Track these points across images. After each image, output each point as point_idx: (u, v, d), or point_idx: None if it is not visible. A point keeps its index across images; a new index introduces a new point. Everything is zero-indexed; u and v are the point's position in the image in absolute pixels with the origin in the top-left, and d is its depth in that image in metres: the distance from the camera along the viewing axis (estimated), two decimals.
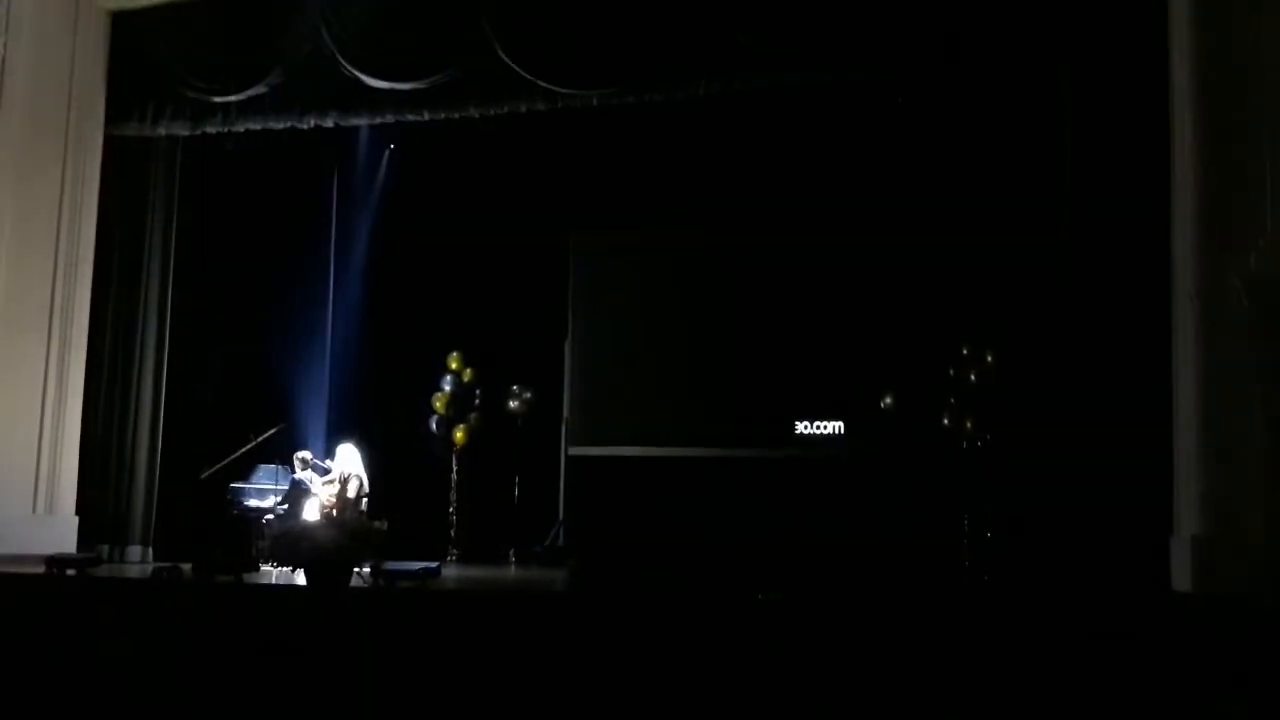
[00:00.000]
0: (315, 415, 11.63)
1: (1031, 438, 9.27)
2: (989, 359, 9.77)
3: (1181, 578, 7.70)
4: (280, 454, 10.92)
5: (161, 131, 10.90)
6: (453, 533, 11.48)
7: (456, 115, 10.08)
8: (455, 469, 11.65)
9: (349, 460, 10.48)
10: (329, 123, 10.42)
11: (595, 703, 2.42)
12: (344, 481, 10.37)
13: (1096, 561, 8.16)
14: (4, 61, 10.58)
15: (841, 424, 11.10)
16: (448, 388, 11.69)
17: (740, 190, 11.36)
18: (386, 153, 12.08)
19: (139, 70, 10.81)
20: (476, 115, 10.03)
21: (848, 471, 10.89)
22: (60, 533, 10.44)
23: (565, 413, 11.95)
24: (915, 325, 10.49)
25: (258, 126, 10.53)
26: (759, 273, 11.63)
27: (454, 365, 11.70)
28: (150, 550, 10.75)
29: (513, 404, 11.53)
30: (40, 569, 8.49)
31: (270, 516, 10.51)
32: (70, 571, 8.55)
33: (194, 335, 11.38)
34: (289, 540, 9.20)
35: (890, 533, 10.04)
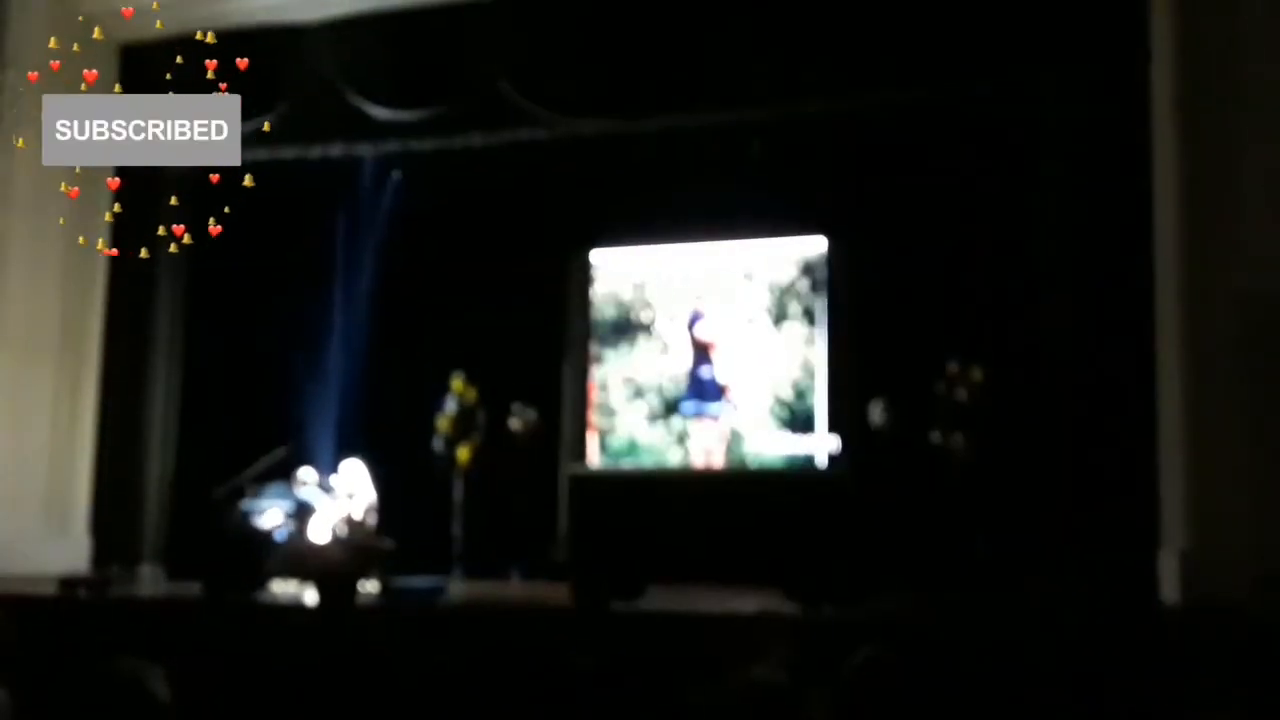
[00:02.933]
0: (323, 435, 11.74)
1: (1019, 452, 9.39)
2: (976, 376, 9.87)
3: (1170, 589, 7.81)
4: (289, 473, 11.05)
5: None
6: (457, 550, 11.59)
7: (459, 145, 10.24)
8: (458, 487, 11.76)
9: (355, 478, 10.59)
10: (335, 152, 10.60)
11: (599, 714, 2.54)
12: (351, 499, 10.48)
13: (1085, 574, 8.27)
14: (14, 93, 10.73)
15: (836, 441, 11.23)
16: (451, 407, 11.83)
17: (734, 209, 11.55)
18: (390, 180, 12.23)
19: None
20: (479, 144, 10.20)
21: (843, 486, 11.02)
22: (73, 553, 10.54)
23: (565, 431, 12.09)
24: (902, 341, 10.65)
25: (265, 156, 10.68)
26: None
27: (457, 386, 11.85)
28: (163, 569, 10.85)
29: (513, 423, 11.67)
30: (53, 589, 8.63)
31: (280, 535, 10.63)
32: (83, 591, 8.69)
33: (205, 357, 11.50)
34: (297, 558, 9.36)
35: (883, 547, 10.18)
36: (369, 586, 8.95)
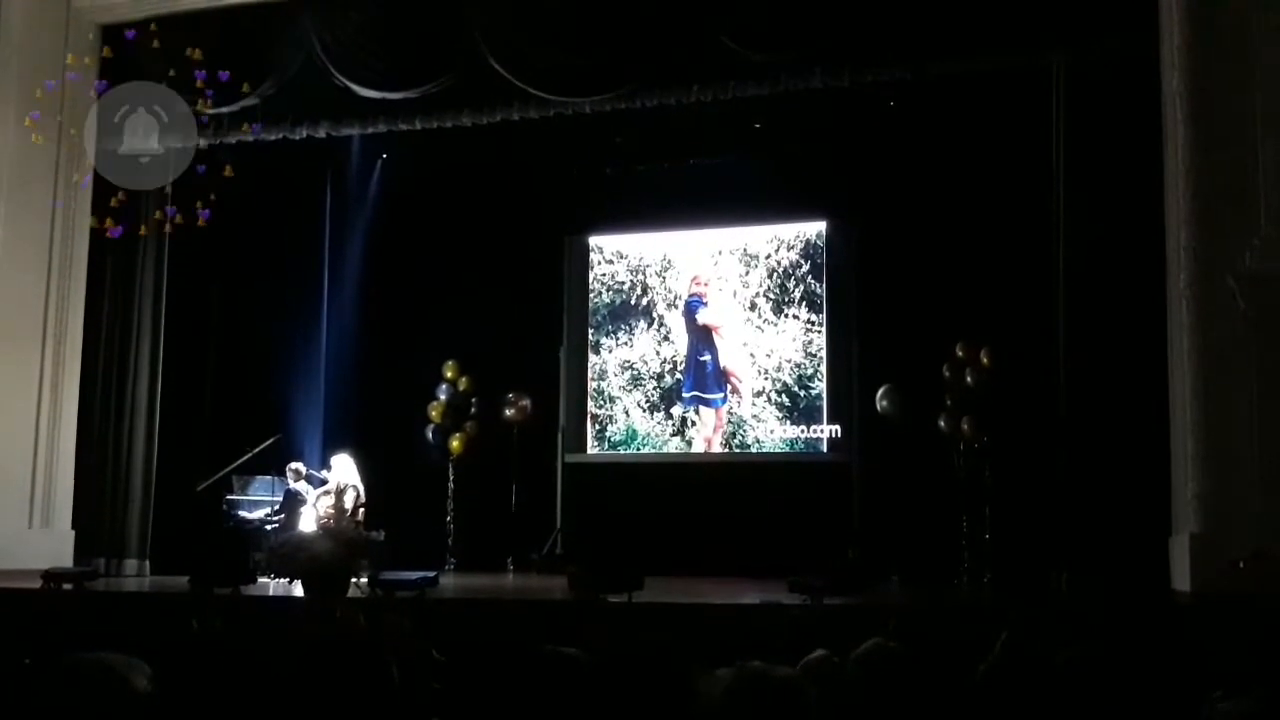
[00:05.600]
0: (311, 426, 11.57)
1: (1028, 439, 9.25)
2: (984, 359, 9.73)
3: (1180, 577, 7.69)
4: (276, 465, 10.87)
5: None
6: (450, 542, 11.46)
7: (449, 124, 10.04)
8: (452, 478, 11.63)
9: (345, 471, 10.43)
10: (321, 133, 10.37)
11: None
12: (340, 492, 10.32)
13: (1095, 562, 8.13)
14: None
15: (839, 427, 11.08)
16: (443, 397, 11.68)
17: (733, 191, 11.37)
18: (379, 162, 12.04)
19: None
20: (469, 124, 10.00)
21: (846, 474, 10.85)
22: (56, 547, 10.37)
23: (561, 420, 11.92)
24: (908, 325, 10.49)
25: (250, 138, 10.49)
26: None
27: (450, 374, 11.69)
28: (147, 564, 10.67)
29: (509, 412, 11.50)
30: (37, 583, 8.46)
31: (269, 528, 10.46)
32: (67, 586, 8.52)
33: (188, 346, 11.30)
34: (286, 552, 9.16)
35: (889, 535, 10.05)
36: (359, 580, 8.78)
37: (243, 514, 10.78)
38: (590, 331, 12.05)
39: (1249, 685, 3.59)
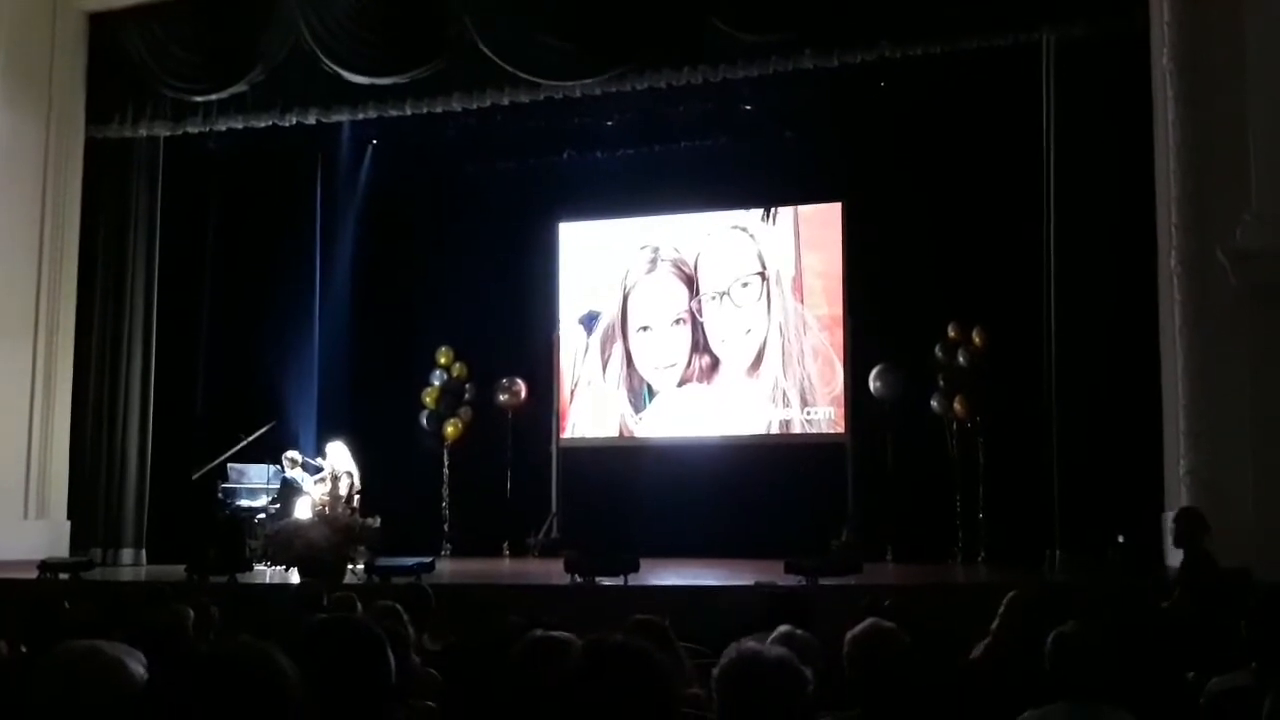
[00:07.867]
0: (305, 413, 11.56)
1: (1021, 418, 9.28)
2: (976, 339, 9.76)
3: (1173, 553, 7.71)
4: (271, 453, 10.87)
5: (143, 132, 10.77)
6: (446, 528, 11.48)
7: (439, 109, 10.03)
8: (447, 464, 11.64)
9: (340, 458, 10.44)
10: (311, 119, 10.33)
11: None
12: (335, 479, 10.32)
13: (1089, 539, 8.16)
14: None
15: (833, 408, 11.09)
16: (437, 383, 11.68)
17: (724, 174, 11.34)
18: (370, 148, 12.00)
19: (119, 71, 10.71)
20: (459, 108, 9.98)
21: (841, 454, 10.88)
22: (52, 537, 10.38)
23: (555, 404, 11.92)
24: (901, 306, 10.49)
25: (239, 125, 10.45)
26: None
27: (443, 360, 11.70)
28: (143, 553, 10.68)
29: (503, 397, 11.50)
30: (33, 573, 8.47)
31: (263, 516, 10.48)
32: (63, 575, 8.53)
33: (181, 335, 11.30)
34: (282, 539, 9.19)
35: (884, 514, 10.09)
36: (355, 567, 8.81)
37: (238, 502, 10.79)
38: (584, 316, 12.00)
39: (1240, 660, 3.61)
